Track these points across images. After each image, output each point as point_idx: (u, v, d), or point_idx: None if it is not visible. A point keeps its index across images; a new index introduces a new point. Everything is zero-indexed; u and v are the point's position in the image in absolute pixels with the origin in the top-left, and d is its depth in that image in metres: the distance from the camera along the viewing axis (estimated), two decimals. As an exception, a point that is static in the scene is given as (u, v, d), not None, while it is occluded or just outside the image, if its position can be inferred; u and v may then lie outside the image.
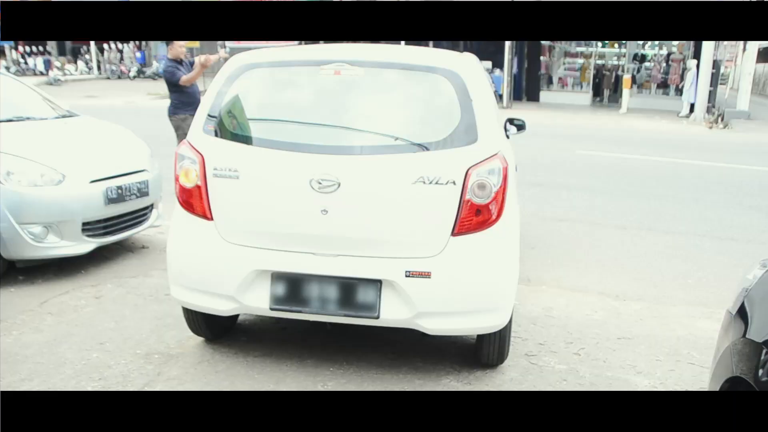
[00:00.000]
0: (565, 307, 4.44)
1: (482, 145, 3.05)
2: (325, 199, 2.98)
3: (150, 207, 5.40)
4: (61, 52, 38.79)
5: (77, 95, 20.86)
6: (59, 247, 4.61)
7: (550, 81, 25.45)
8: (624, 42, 24.76)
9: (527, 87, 24.98)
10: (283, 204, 3.06)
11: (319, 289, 3.09)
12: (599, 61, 25.33)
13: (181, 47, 6.96)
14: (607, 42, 26.05)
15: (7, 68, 37.66)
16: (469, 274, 3.05)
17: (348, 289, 3.07)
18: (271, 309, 3.13)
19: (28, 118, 5.30)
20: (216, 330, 3.67)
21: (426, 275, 3.01)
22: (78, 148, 5.08)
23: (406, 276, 3.01)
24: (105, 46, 36.24)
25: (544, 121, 17.70)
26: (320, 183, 2.97)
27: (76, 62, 35.06)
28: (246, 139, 3.19)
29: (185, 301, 3.34)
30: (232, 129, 3.24)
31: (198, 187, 3.15)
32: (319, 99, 3.24)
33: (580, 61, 25.38)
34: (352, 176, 3.00)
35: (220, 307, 3.22)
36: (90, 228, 4.77)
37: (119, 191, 4.90)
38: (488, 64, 23.93)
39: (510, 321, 3.27)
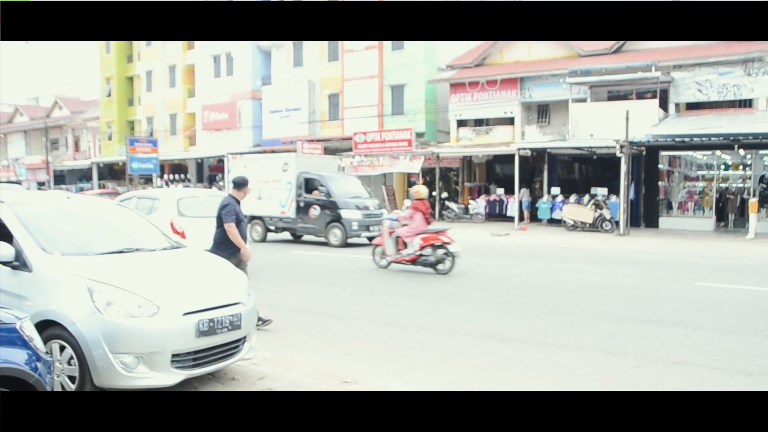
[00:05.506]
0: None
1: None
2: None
3: (242, 339, 5.46)
4: (199, 179, 42.48)
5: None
6: (148, 378, 4.72)
7: (669, 206, 24.43)
8: (749, 163, 23.54)
9: (645, 213, 24.15)
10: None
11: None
12: (722, 184, 24.10)
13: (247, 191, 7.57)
14: (730, 164, 24.89)
15: (153, 193, 41.66)
16: None
17: None
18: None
19: (137, 250, 5.65)
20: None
21: None
22: (176, 279, 5.30)
23: None
24: (236, 173, 39.26)
25: (661, 249, 16.85)
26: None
27: (210, 188, 38.12)
28: None
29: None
30: None
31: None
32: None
33: (701, 184, 24.30)
34: None
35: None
36: (179, 360, 4.87)
37: (211, 324, 5.01)
38: (604, 190, 23.40)
39: None
